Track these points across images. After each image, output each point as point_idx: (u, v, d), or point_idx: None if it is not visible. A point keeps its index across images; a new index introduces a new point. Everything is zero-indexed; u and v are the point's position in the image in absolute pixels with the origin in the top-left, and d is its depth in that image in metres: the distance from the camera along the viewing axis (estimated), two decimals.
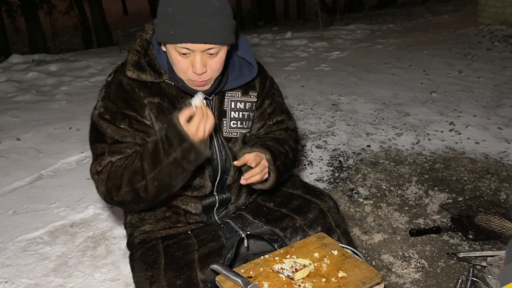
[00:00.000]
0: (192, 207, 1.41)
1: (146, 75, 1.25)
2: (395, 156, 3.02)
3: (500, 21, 7.01)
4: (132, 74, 1.24)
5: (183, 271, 1.21)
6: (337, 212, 1.47)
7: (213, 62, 1.18)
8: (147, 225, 1.39)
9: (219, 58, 1.19)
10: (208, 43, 1.13)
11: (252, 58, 1.34)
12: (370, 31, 8.37)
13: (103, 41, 12.11)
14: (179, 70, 1.20)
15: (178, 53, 1.16)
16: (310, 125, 3.58)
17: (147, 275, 1.22)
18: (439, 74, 4.89)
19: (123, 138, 1.24)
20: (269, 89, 1.46)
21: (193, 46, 1.13)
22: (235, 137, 1.39)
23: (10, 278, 1.94)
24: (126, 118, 1.25)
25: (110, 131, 1.23)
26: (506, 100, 3.94)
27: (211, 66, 1.18)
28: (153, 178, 1.16)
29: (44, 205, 2.53)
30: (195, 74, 1.18)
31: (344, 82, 4.77)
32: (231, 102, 1.38)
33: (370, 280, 1.09)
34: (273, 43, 7.52)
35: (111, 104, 1.25)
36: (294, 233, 1.37)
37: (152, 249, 1.29)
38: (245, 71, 1.35)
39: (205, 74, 1.19)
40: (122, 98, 1.25)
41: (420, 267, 1.98)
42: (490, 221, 2.20)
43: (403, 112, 3.79)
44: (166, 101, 1.29)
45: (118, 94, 1.26)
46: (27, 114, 4.05)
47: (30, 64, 6.26)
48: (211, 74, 1.20)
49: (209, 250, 1.27)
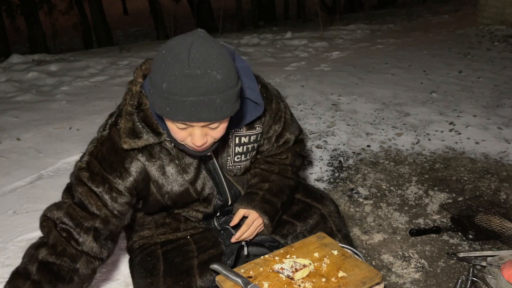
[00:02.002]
0: (193, 216, 1.40)
1: (144, 141, 1.15)
2: (395, 156, 3.02)
3: (500, 21, 7.01)
4: (129, 146, 1.13)
5: (182, 277, 1.21)
6: (338, 216, 1.46)
7: (215, 132, 1.07)
8: (146, 230, 1.38)
9: (221, 128, 1.07)
10: (211, 121, 1.00)
11: (258, 97, 1.22)
12: (370, 31, 8.37)
13: (103, 41, 12.11)
14: (177, 139, 1.08)
15: (175, 126, 1.04)
16: (310, 125, 3.58)
17: (146, 282, 1.22)
18: (439, 74, 4.90)
19: (89, 205, 1.14)
20: (276, 112, 1.35)
21: (193, 123, 1.01)
22: (239, 169, 1.35)
23: None
24: (106, 183, 1.14)
25: (80, 191, 1.14)
26: (506, 100, 3.94)
27: (212, 135, 1.07)
28: None
29: (44, 205, 2.49)
30: (194, 145, 1.07)
31: (344, 82, 4.77)
32: (235, 137, 1.29)
33: (370, 280, 1.09)
34: (273, 43, 7.52)
35: (97, 163, 1.15)
36: (294, 239, 1.36)
37: (151, 255, 1.28)
38: (250, 109, 1.23)
39: (205, 143, 1.08)
40: (110, 162, 1.15)
41: (420, 267, 1.98)
42: (490, 221, 2.20)
43: (403, 112, 3.79)
44: (168, 160, 1.22)
45: (107, 157, 1.15)
46: (27, 114, 4.05)
47: (30, 64, 6.26)
48: (212, 141, 1.10)
49: (209, 257, 1.27)
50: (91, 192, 1.13)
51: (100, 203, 1.14)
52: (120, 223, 1.19)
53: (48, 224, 1.17)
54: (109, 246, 1.19)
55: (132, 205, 1.22)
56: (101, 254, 1.16)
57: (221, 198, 1.37)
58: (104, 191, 1.14)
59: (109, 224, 1.16)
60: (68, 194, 1.19)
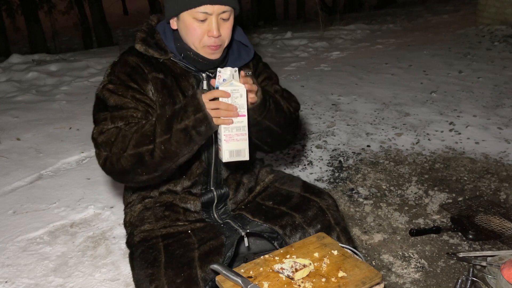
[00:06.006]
0: (191, 205, 1.42)
1: (153, 51, 1.34)
2: (395, 156, 3.02)
3: (500, 21, 7.01)
4: (141, 47, 1.34)
5: (183, 269, 1.21)
6: (336, 210, 1.47)
7: (226, 27, 1.28)
8: (146, 225, 1.39)
9: (230, 23, 1.30)
10: (224, 4, 1.24)
11: (248, 42, 1.43)
12: (370, 31, 8.38)
13: (103, 41, 12.10)
14: (195, 38, 1.28)
15: (194, 20, 1.25)
16: (310, 125, 3.58)
17: (147, 273, 1.22)
18: (439, 74, 4.90)
19: (126, 104, 1.27)
20: (262, 68, 1.53)
21: (211, 9, 1.23)
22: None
23: (10, 278, 1.94)
24: (129, 89, 1.30)
25: (112, 100, 1.28)
26: (506, 100, 3.94)
27: (224, 30, 1.28)
28: (161, 143, 1.17)
29: (44, 205, 2.53)
30: (211, 38, 1.27)
31: (344, 82, 4.77)
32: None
33: (370, 280, 1.09)
34: (273, 43, 7.52)
35: (115, 78, 1.31)
36: (293, 230, 1.37)
37: (152, 248, 1.29)
38: (243, 53, 1.44)
39: (219, 38, 1.28)
40: (126, 73, 1.32)
41: (420, 267, 1.98)
42: (490, 221, 2.20)
43: (403, 112, 3.79)
44: (170, 78, 1.35)
45: (123, 69, 1.32)
46: (27, 114, 4.05)
47: (30, 64, 6.26)
48: (223, 39, 1.30)
49: (209, 248, 1.28)
50: (121, 97, 1.28)
51: (134, 102, 1.29)
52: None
53: (110, 134, 1.25)
54: None
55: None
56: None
57: (207, 148, 1.39)
58: (130, 95, 1.29)
59: (149, 115, 1.31)
60: (98, 124, 1.29)
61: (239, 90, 1.14)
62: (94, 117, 1.31)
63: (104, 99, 1.29)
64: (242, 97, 1.15)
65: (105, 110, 1.28)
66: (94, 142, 1.28)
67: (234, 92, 1.13)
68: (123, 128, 1.24)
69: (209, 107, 1.13)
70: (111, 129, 1.25)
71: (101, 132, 1.26)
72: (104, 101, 1.29)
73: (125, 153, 1.20)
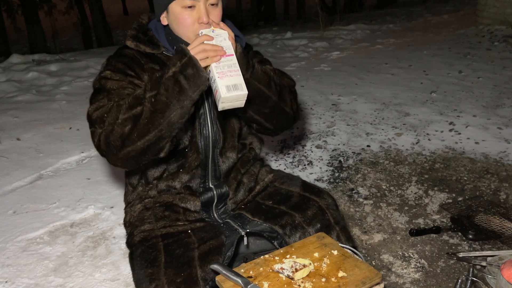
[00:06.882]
0: (191, 205, 1.42)
1: (144, 46, 1.36)
2: (395, 156, 3.02)
3: (500, 21, 7.01)
4: (131, 43, 1.35)
5: (183, 268, 1.21)
6: (336, 209, 1.47)
7: (215, 14, 1.29)
8: (146, 225, 1.39)
9: (219, 10, 1.30)
10: None
11: (239, 32, 1.42)
12: (370, 31, 8.38)
13: (103, 41, 12.11)
14: (186, 27, 1.29)
15: (183, 9, 1.26)
16: (310, 125, 3.58)
17: (147, 272, 1.22)
18: (439, 74, 4.90)
19: (123, 85, 1.28)
20: (254, 55, 1.51)
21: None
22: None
23: (10, 278, 1.94)
24: (127, 76, 1.31)
25: (109, 84, 1.28)
26: (506, 100, 3.94)
27: (213, 16, 1.28)
28: (151, 96, 1.16)
29: (44, 205, 2.53)
30: (202, 24, 1.27)
31: (344, 82, 4.77)
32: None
33: (370, 280, 1.09)
34: (273, 43, 7.52)
35: (113, 67, 1.32)
36: (293, 230, 1.37)
37: (152, 247, 1.29)
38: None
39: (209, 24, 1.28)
40: (123, 62, 1.33)
41: (420, 267, 1.98)
42: (490, 221, 2.20)
43: (403, 112, 3.79)
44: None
45: (120, 60, 1.34)
46: (27, 114, 4.05)
47: (30, 64, 6.26)
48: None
49: (209, 248, 1.28)
50: (119, 82, 1.28)
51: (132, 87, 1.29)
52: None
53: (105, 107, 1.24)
54: None
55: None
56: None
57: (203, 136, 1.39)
58: (127, 81, 1.30)
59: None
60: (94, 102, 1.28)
61: (222, 34, 1.19)
62: (90, 102, 1.30)
63: (101, 86, 1.29)
64: (226, 40, 1.19)
65: (101, 93, 1.28)
66: (88, 119, 1.27)
67: (217, 37, 1.19)
68: (117, 101, 1.23)
69: (194, 52, 1.15)
70: (107, 105, 1.24)
71: (96, 109, 1.25)
72: (100, 88, 1.29)
73: (119, 120, 1.19)
